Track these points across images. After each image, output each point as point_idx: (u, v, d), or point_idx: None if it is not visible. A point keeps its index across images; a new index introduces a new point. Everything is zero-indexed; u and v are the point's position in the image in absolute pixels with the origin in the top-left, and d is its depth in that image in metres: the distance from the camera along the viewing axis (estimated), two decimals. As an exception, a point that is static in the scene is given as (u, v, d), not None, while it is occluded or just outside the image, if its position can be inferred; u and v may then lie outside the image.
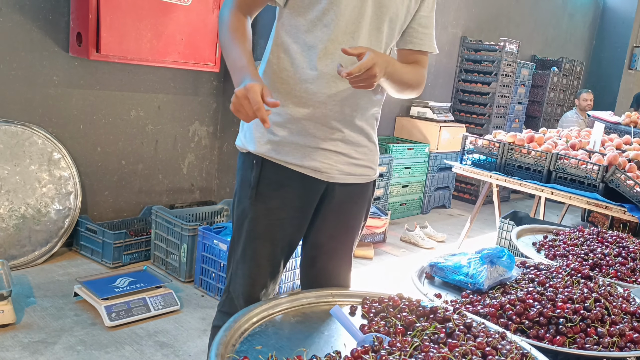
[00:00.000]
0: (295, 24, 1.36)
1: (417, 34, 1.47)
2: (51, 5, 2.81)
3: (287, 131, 1.39)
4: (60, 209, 2.92)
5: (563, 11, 7.64)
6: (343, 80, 1.33)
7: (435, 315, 1.24)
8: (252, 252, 1.46)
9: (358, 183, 1.50)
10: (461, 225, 4.60)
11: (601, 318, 1.37)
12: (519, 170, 3.48)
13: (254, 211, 1.43)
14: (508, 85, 5.68)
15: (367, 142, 1.48)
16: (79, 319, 2.41)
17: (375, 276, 3.41)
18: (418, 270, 1.69)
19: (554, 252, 2.00)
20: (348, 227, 1.54)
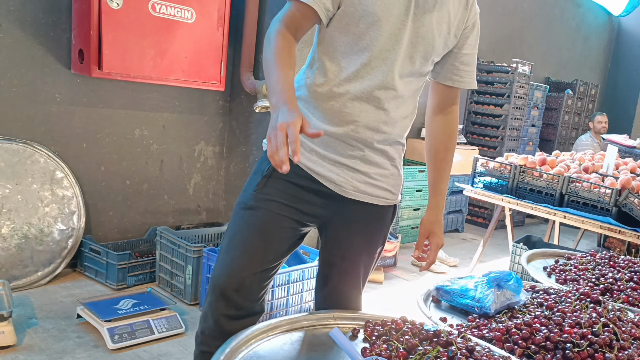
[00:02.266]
0: (333, 43, 1.40)
1: (459, 72, 1.52)
2: (52, 22, 2.87)
3: (312, 141, 1.42)
4: (64, 229, 2.93)
5: (577, 33, 7.70)
6: (368, 104, 1.39)
7: (438, 338, 1.24)
8: (240, 240, 1.42)
9: (375, 205, 1.50)
10: (473, 250, 4.56)
11: (609, 343, 1.36)
12: (530, 194, 3.47)
13: (255, 199, 1.43)
14: (521, 108, 5.69)
15: (389, 166, 1.50)
16: (82, 341, 2.39)
17: (385, 300, 3.36)
18: (424, 293, 1.70)
19: (564, 276, 2.01)
20: (360, 249, 1.53)
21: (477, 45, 1.56)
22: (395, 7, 1.35)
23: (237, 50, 3.43)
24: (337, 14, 1.38)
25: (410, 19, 1.38)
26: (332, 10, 1.36)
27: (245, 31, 3.33)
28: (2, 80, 2.76)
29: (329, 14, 1.36)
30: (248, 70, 3.37)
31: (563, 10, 7.26)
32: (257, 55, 3.41)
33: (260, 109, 3.24)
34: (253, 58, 3.38)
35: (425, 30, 1.40)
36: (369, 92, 1.39)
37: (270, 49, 1.31)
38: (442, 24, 1.42)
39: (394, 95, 1.42)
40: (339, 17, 1.37)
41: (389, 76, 1.39)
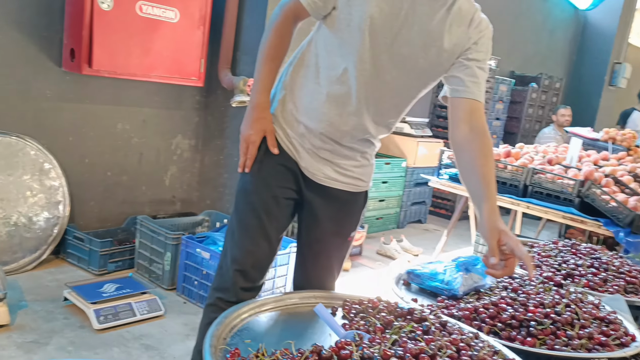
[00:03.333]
0: (323, 44, 1.61)
1: (464, 83, 1.56)
2: (46, 23, 3.17)
3: (292, 129, 1.67)
4: (50, 218, 3.25)
5: (543, 27, 8.15)
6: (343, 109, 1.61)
7: (412, 315, 1.39)
8: (247, 223, 1.67)
9: (347, 191, 1.72)
10: (437, 240, 4.88)
11: (571, 322, 1.49)
12: None
13: (254, 184, 1.68)
14: (486, 101, 6.15)
15: (359, 157, 1.71)
16: (69, 322, 2.70)
17: (353, 286, 3.74)
18: (396, 277, 1.87)
19: None
20: (333, 233, 1.75)
21: (487, 60, 1.62)
22: (381, 24, 1.49)
23: (216, 48, 3.76)
24: (330, 17, 1.57)
25: (394, 38, 1.51)
26: (324, 6, 1.55)
27: (225, 30, 3.68)
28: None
29: (320, 10, 1.56)
30: (226, 67, 3.72)
31: (529, 5, 7.66)
32: (235, 52, 3.76)
33: (237, 103, 3.59)
34: (231, 55, 3.73)
35: (408, 51, 1.53)
36: (346, 98, 1.58)
37: (264, 43, 1.65)
38: (431, 47, 1.53)
39: (371, 105, 1.60)
40: (332, 20, 1.57)
41: (366, 88, 1.57)
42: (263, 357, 1.16)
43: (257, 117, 1.65)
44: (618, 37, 8.74)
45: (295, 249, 1.86)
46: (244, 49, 3.75)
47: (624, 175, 3.64)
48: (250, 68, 3.71)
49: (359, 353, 1.13)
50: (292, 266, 3.23)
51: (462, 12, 1.56)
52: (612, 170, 3.64)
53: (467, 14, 1.57)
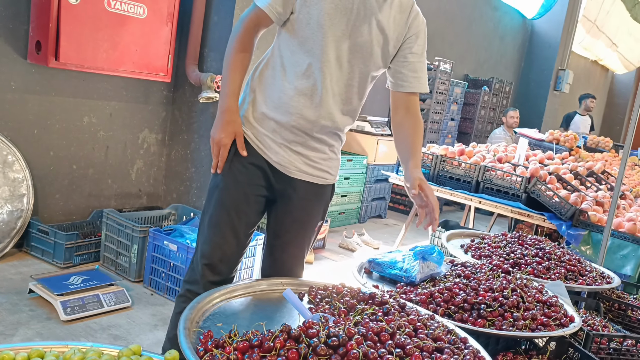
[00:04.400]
0: (286, 44, 1.69)
1: (407, 78, 1.77)
2: (12, 14, 3.05)
3: (263, 127, 1.72)
4: (13, 210, 3.13)
5: (494, 34, 8.42)
6: (311, 101, 1.68)
7: (373, 299, 1.47)
8: (217, 219, 1.73)
9: (315, 184, 1.77)
10: (396, 234, 5.01)
11: (517, 305, 1.62)
12: (450, 181, 3.83)
13: (225, 182, 1.73)
14: (442, 103, 6.29)
15: (327, 151, 1.78)
16: (35, 314, 2.62)
17: (317, 277, 3.79)
18: (358, 265, 1.93)
19: (479, 253, 2.26)
20: (302, 223, 1.80)
21: (425, 53, 1.79)
22: (338, 18, 1.62)
23: (183, 44, 3.71)
24: (291, 19, 1.66)
25: (351, 29, 1.64)
26: (284, 12, 1.65)
27: (192, 27, 3.62)
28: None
29: (280, 16, 1.65)
30: (193, 63, 3.67)
31: (482, 13, 7.92)
32: (202, 49, 3.71)
33: (204, 99, 3.55)
34: (198, 52, 3.68)
35: (363, 40, 1.66)
36: (312, 90, 1.67)
37: (229, 52, 1.70)
38: (380, 35, 1.68)
39: (332, 94, 1.69)
40: (292, 22, 1.66)
41: (327, 77, 1.66)
42: (235, 337, 1.18)
43: (228, 120, 1.69)
44: (562, 46, 9.10)
45: (263, 241, 1.92)
46: (211, 45, 3.70)
47: (567, 173, 3.86)
48: (217, 65, 3.66)
49: (325, 332, 1.17)
50: (259, 258, 3.30)
51: (402, 4, 1.73)
52: (556, 169, 3.83)
53: (406, 6, 1.73)
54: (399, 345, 1.21)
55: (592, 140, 6.70)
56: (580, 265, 2.24)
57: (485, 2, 7.97)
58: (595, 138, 6.78)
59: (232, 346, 1.14)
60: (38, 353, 1.05)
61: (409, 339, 1.25)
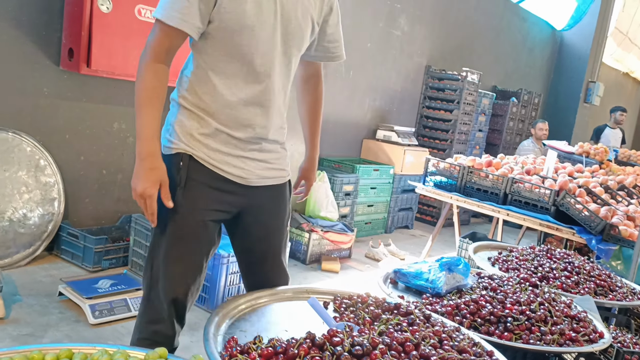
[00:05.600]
0: (212, 55, 1.51)
1: (329, 50, 1.76)
2: (45, 22, 3.13)
3: (211, 140, 1.55)
4: (44, 214, 3.18)
5: (523, 45, 8.32)
6: (261, 107, 1.57)
7: (398, 310, 1.44)
8: (177, 253, 1.54)
9: (274, 185, 1.69)
10: (423, 245, 4.94)
11: (544, 319, 1.58)
12: (477, 193, 3.78)
13: (180, 212, 1.52)
14: (469, 114, 6.21)
15: (279, 149, 1.70)
16: (64, 316, 2.65)
17: (341, 287, 3.74)
18: (383, 275, 1.91)
19: (507, 266, 2.22)
20: (272, 228, 1.71)
21: (340, 22, 1.75)
22: (264, 12, 1.49)
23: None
24: (211, 30, 1.47)
25: (279, 20, 1.52)
26: (203, 27, 1.45)
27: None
28: (-5, 73, 3.01)
29: (199, 31, 1.46)
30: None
31: (509, 24, 7.83)
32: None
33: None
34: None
35: (293, 26, 1.56)
36: (259, 95, 1.55)
37: (140, 86, 1.46)
38: (306, 16, 1.59)
39: (278, 91, 1.60)
40: (214, 33, 1.47)
41: (272, 77, 1.56)
42: (260, 343, 1.17)
43: (150, 167, 1.46)
44: (592, 57, 8.95)
45: (237, 261, 1.77)
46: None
47: (596, 187, 3.77)
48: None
49: (349, 341, 1.15)
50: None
51: None
52: (585, 182, 3.75)
53: None
54: (424, 356, 1.19)
55: (623, 154, 6.52)
56: (610, 280, 2.18)
57: (514, 13, 7.88)
58: (627, 151, 6.60)
59: (256, 352, 1.13)
60: (66, 354, 1.05)
61: (434, 350, 1.23)
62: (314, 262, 4.12)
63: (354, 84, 5.41)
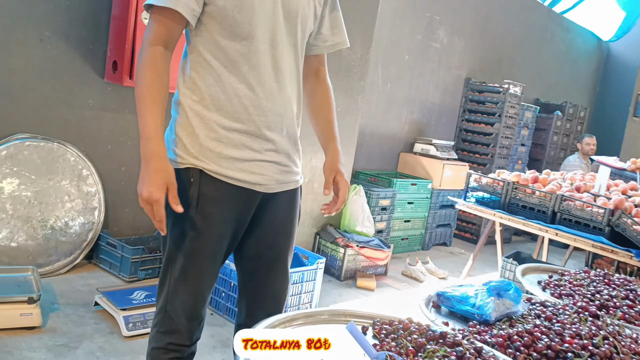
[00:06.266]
0: (212, 40, 1.42)
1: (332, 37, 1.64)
2: (92, 36, 3.19)
3: (223, 146, 1.44)
4: (85, 223, 3.22)
5: (566, 57, 8.09)
6: (270, 92, 1.46)
7: (445, 339, 1.34)
8: (194, 269, 1.48)
9: (288, 190, 1.59)
10: (462, 263, 4.80)
11: (610, 356, 1.41)
12: (522, 210, 3.61)
13: (195, 229, 1.45)
14: (511, 127, 6.05)
15: (294, 149, 1.58)
16: (99, 327, 2.65)
17: (378, 306, 3.63)
18: (425, 298, 1.77)
19: (559, 291, 2.03)
20: (285, 235, 1.62)
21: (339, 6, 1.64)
22: None
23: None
24: (208, 12, 1.39)
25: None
26: (198, 9, 1.37)
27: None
28: (45, 86, 3.07)
29: (195, 14, 1.37)
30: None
31: (553, 35, 7.63)
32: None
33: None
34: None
35: (294, 3, 1.46)
36: (268, 77, 1.44)
37: (139, 83, 1.37)
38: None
39: (289, 73, 1.49)
40: (212, 14, 1.39)
41: (278, 57, 1.46)
42: None
43: (155, 169, 1.34)
44: (642, 69, 8.61)
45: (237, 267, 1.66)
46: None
47: None
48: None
49: None
50: (319, 282, 3.24)
51: None
52: (642, 201, 3.54)
53: None
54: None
55: (678, 171, 6.22)
56: (679, 311, 1.96)
57: (557, 23, 7.68)
58: (682, 168, 6.29)
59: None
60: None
61: (488, 389, 1.10)
62: (348, 279, 4.04)
63: (391, 97, 5.34)
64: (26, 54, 2.98)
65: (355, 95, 4.31)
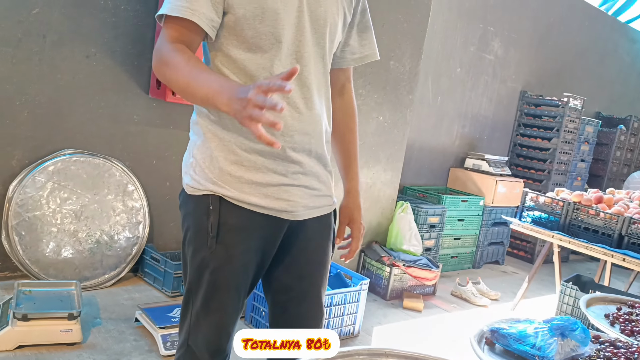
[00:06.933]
0: (230, 52, 1.28)
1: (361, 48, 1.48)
2: (138, 52, 3.17)
3: (244, 170, 1.30)
4: (130, 237, 3.19)
5: (631, 68, 7.59)
6: (296, 109, 1.30)
7: None
8: (217, 303, 1.35)
9: (321, 215, 1.43)
10: (515, 284, 4.54)
11: None
12: (584, 232, 3.36)
13: (215, 260, 1.31)
14: (570, 142, 5.68)
15: (324, 171, 1.42)
16: (138, 345, 2.58)
17: (425, 331, 3.42)
18: (477, 334, 1.63)
19: (631, 327, 1.83)
20: (317, 265, 1.46)
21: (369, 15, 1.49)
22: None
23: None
24: (227, 22, 1.26)
25: (305, 2, 1.29)
26: (217, 19, 1.24)
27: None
28: (91, 102, 3.07)
29: (214, 24, 1.24)
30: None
31: (617, 46, 7.19)
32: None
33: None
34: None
35: (322, 10, 1.32)
36: (293, 93, 1.29)
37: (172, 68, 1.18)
38: (337, 2, 1.36)
39: (316, 88, 1.34)
40: (231, 24, 1.26)
41: (304, 71, 1.31)
42: None
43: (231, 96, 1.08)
44: None
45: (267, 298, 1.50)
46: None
47: None
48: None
49: None
50: (363, 304, 3.06)
51: None
52: None
53: None
54: None
55: None
56: None
57: (622, 34, 7.20)
58: None
59: None
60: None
61: None
62: (394, 299, 3.84)
63: (442, 110, 5.11)
64: (73, 70, 2.98)
65: (403, 109, 4.12)
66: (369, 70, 3.79)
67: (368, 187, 4.04)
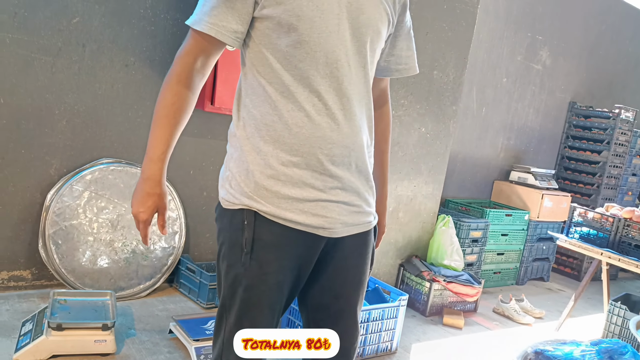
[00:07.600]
0: (266, 62, 1.23)
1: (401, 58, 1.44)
2: (177, 61, 3.12)
3: (281, 184, 1.24)
4: (166, 247, 3.12)
5: (688, 78, 7.13)
6: (335, 120, 1.23)
7: None
8: (250, 321, 1.29)
9: (360, 232, 1.36)
10: (560, 301, 4.29)
11: None
12: (635, 250, 3.19)
13: (249, 278, 1.26)
14: (622, 155, 5.34)
15: (366, 186, 1.34)
16: (171, 357, 2.50)
17: (466, 349, 3.23)
18: (521, 355, 1.59)
19: None
20: (355, 284, 1.39)
21: (411, 26, 1.44)
22: (328, 2, 1.19)
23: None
24: (257, 30, 1.22)
25: (344, 7, 1.21)
26: (242, 28, 1.21)
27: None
28: (130, 111, 3.02)
29: (238, 35, 1.22)
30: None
31: (673, 53, 6.78)
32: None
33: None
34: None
35: (365, 17, 1.24)
36: (332, 104, 1.22)
37: (161, 98, 1.27)
38: (379, 6, 1.28)
39: (357, 99, 1.26)
40: (262, 33, 1.22)
41: (344, 80, 1.23)
42: None
43: (148, 192, 1.32)
44: None
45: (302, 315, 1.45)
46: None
47: None
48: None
49: None
50: (401, 320, 2.89)
51: None
52: None
53: None
54: None
55: None
56: None
57: (677, 43, 6.76)
58: None
59: None
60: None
61: None
62: (434, 315, 3.64)
63: (487, 122, 4.88)
64: (111, 79, 2.94)
65: (446, 120, 3.93)
66: (411, 80, 3.63)
67: (409, 200, 3.86)
